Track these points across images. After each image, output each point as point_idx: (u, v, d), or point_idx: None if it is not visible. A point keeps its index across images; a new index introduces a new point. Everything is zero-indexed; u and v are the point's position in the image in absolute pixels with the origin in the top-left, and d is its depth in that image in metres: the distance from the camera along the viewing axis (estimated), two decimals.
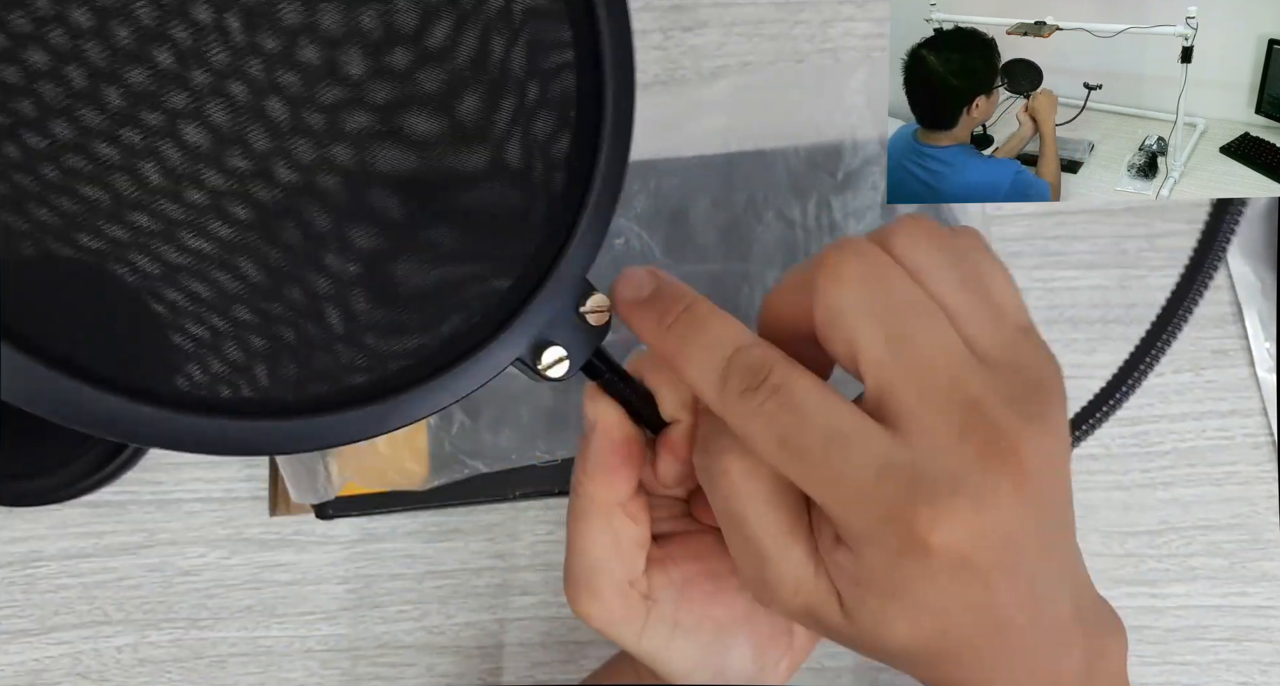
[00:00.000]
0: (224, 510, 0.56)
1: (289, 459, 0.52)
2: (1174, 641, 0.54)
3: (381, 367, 0.28)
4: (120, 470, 0.54)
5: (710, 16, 0.58)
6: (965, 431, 0.25)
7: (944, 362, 0.26)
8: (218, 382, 0.26)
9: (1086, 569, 0.29)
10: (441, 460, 0.53)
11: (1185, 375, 0.56)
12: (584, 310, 0.31)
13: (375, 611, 0.55)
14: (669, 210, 0.55)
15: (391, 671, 0.55)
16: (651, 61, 0.58)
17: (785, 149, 0.56)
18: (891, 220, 0.36)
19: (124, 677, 0.55)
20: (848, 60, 0.58)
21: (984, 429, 0.25)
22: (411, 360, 0.29)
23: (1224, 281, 0.56)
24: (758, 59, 0.58)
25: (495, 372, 0.29)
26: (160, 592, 0.55)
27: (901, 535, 0.25)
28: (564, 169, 0.31)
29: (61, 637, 0.55)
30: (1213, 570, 0.55)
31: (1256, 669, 0.54)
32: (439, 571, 0.56)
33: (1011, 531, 0.25)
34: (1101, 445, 0.56)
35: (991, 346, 0.27)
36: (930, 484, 0.25)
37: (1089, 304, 0.57)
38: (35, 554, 0.55)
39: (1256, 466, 0.55)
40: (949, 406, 0.25)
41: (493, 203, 0.30)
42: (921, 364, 0.26)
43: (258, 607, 0.55)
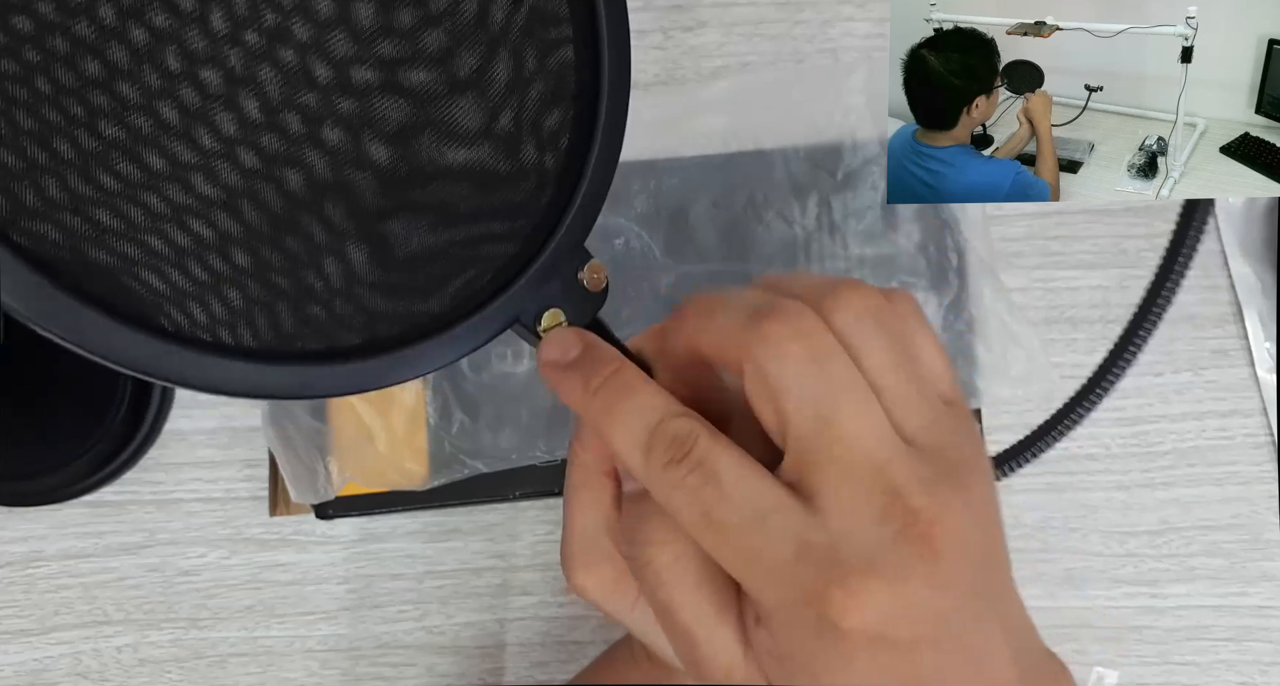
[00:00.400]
0: (224, 510, 0.56)
1: (289, 459, 0.52)
2: (1174, 641, 0.54)
3: (389, 323, 0.29)
4: (120, 470, 0.54)
5: (710, 16, 0.58)
6: (884, 515, 0.25)
7: (869, 446, 0.26)
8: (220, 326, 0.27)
9: (1031, 620, 0.29)
10: (441, 460, 0.53)
11: (1185, 375, 0.56)
12: (581, 276, 0.32)
13: (375, 611, 0.55)
14: (669, 210, 0.55)
15: (392, 671, 0.55)
16: (651, 61, 0.58)
17: (785, 149, 0.56)
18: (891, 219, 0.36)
19: (124, 677, 0.55)
20: (848, 60, 0.58)
21: (902, 513, 0.25)
22: (418, 318, 0.30)
23: (1224, 281, 0.56)
24: (758, 59, 0.58)
25: (496, 332, 0.30)
26: (160, 592, 0.55)
27: (817, 616, 0.25)
28: (565, 136, 0.32)
29: (62, 637, 0.55)
30: (1213, 570, 0.55)
31: (1256, 669, 0.54)
32: (439, 571, 0.56)
33: (933, 606, 0.25)
34: (1101, 445, 0.56)
35: (918, 428, 0.27)
36: (845, 565, 0.25)
37: (1089, 304, 0.57)
38: (35, 554, 0.55)
39: (1256, 466, 0.55)
40: (870, 491, 0.26)
41: (495, 168, 0.31)
42: (847, 446, 0.26)
43: (258, 607, 0.55)
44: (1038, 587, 0.55)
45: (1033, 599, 0.55)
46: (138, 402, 0.54)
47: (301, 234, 0.29)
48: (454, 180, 0.31)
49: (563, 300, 0.31)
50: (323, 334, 0.29)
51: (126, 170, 0.26)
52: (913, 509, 0.25)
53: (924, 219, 0.55)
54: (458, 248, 0.31)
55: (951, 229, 0.54)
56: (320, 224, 0.29)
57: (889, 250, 0.54)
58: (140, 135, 0.26)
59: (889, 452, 0.26)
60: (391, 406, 0.53)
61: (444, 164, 0.30)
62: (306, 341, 0.28)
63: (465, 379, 0.53)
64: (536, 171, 0.32)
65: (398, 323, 0.30)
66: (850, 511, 0.25)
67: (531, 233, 0.31)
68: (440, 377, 0.53)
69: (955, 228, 0.54)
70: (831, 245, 0.55)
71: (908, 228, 0.55)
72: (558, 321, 0.31)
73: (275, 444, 0.52)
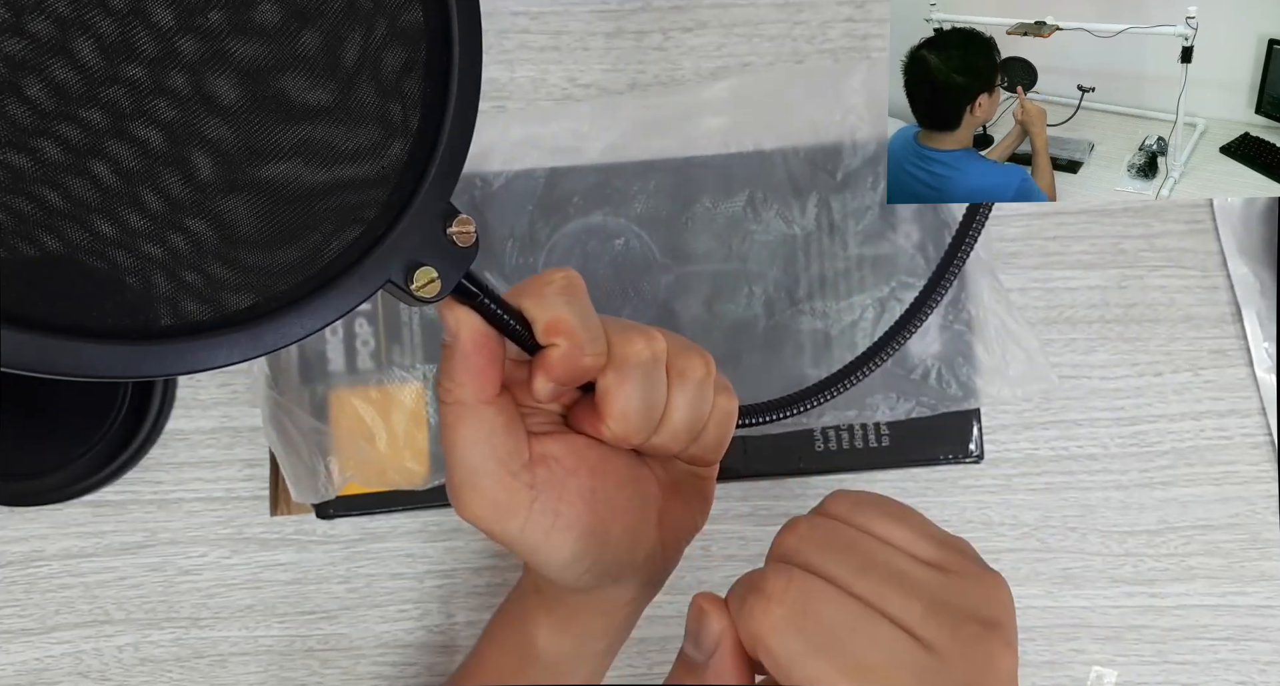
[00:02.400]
0: (225, 510, 0.56)
1: (290, 458, 0.52)
2: (1172, 640, 0.54)
3: (253, 291, 0.29)
4: (121, 470, 0.54)
5: (710, 17, 0.59)
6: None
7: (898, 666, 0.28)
8: (85, 307, 0.27)
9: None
10: (442, 460, 0.53)
11: (1184, 375, 0.56)
12: (451, 232, 0.32)
13: (375, 611, 0.55)
14: (669, 210, 0.55)
15: (392, 670, 0.55)
16: (651, 62, 0.58)
17: (785, 149, 0.56)
18: (890, 219, 0.35)
19: (125, 676, 0.55)
20: (847, 61, 0.58)
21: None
22: (284, 284, 0.30)
23: (1223, 282, 0.57)
24: (758, 59, 0.58)
25: (368, 293, 0.30)
26: (161, 592, 0.55)
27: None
28: (417, 88, 0.32)
29: (63, 637, 0.55)
30: (1211, 569, 0.55)
31: (1255, 668, 0.54)
32: (439, 571, 0.56)
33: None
34: (1100, 445, 0.56)
35: (923, 616, 0.28)
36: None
37: (1088, 304, 0.57)
38: (37, 553, 0.56)
39: (1255, 466, 0.55)
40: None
41: (350, 126, 0.31)
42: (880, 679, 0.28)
43: (258, 607, 0.55)
44: (1037, 587, 0.55)
45: (1032, 598, 0.56)
46: (139, 403, 0.54)
47: (155, 198, 0.28)
48: (308, 143, 0.30)
49: (433, 257, 0.31)
50: (173, 308, 0.28)
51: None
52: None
53: (923, 219, 0.55)
54: (320, 212, 0.31)
55: (951, 229, 0.54)
56: (174, 186, 0.28)
57: (888, 250, 0.55)
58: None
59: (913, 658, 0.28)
60: (392, 406, 0.53)
61: (296, 123, 0.30)
62: (159, 317, 0.28)
63: None
64: (392, 127, 0.32)
65: (262, 291, 0.29)
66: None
67: (394, 191, 0.31)
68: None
69: (954, 228, 0.54)
70: (831, 245, 0.55)
71: (907, 228, 0.55)
72: (429, 278, 0.31)
73: (276, 444, 0.52)
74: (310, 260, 0.30)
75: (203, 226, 0.29)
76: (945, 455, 0.54)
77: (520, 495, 0.34)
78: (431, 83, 0.32)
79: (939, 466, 0.55)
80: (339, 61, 0.30)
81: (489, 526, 0.35)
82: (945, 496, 0.56)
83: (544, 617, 0.42)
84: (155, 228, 0.28)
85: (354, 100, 0.31)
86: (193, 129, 0.28)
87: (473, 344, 0.33)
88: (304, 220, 0.30)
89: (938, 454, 0.54)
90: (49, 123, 0.26)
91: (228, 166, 0.29)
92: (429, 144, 0.32)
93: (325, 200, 0.31)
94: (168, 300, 0.28)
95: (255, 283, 0.29)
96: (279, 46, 0.29)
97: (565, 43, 0.58)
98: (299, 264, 0.30)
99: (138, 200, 0.28)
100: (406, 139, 0.32)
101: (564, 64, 0.58)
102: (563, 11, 0.58)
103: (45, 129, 0.26)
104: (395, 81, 0.31)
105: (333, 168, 0.31)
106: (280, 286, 0.30)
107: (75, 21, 0.26)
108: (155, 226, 0.28)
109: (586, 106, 0.56)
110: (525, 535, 0.35)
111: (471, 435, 0.34)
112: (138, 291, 0.28)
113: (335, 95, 0.30)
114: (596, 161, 0.55)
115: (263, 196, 0.30)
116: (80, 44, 0.26)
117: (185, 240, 0.28)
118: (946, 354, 0.53)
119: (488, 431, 0.34)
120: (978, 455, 0.54)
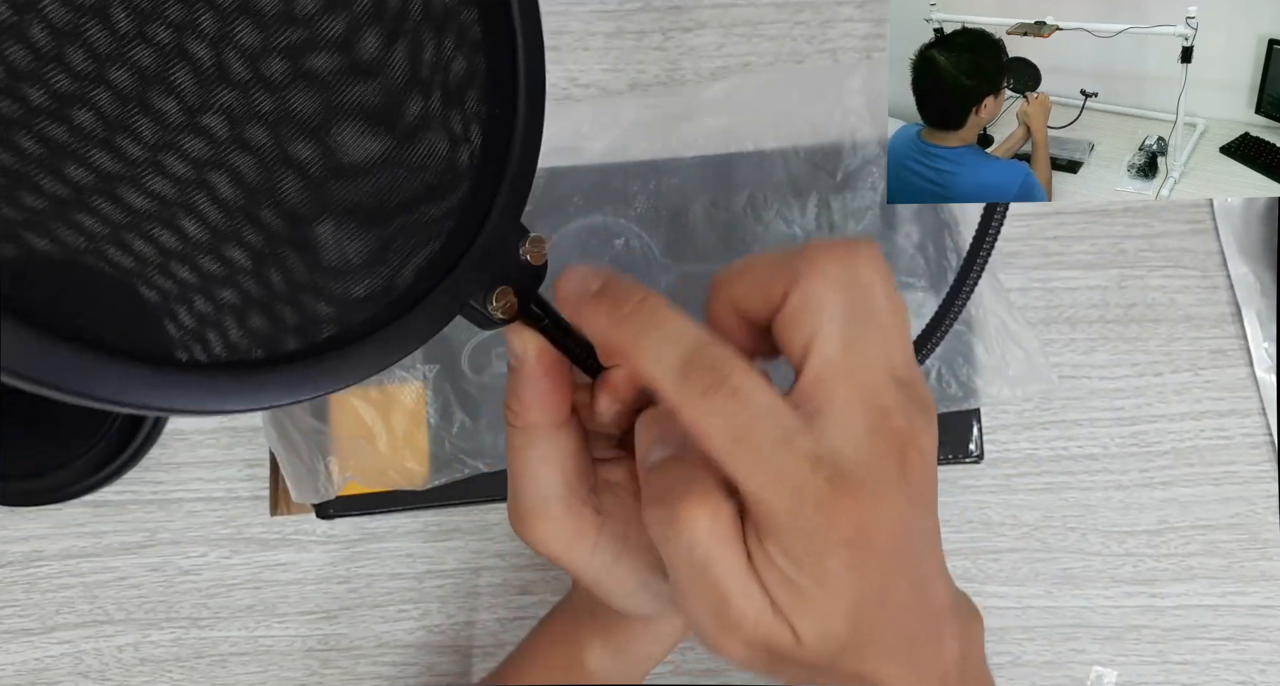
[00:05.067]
0: (225, 510, 0.56)
1: (290, 458, 0.52)
2: (1172, 641, 0.54)
3: (340, 321, 0.29)
4: (121, 470, 0.54)
5: (710, 17, 0.59)
6: (874, 431, 0.28)
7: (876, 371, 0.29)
8: (190, 341, 0.26)
9: None
10: (442, 460, 0.53)
11: (1184, 375, 0.56)
12: (524, 250, 0.31)
13: (375, 611, 0.55)
14: (669, 210, 0.55)
15: (392, 670, 0.55)
16: (651, 62, 0.58)
17: (785, 149, 0.56)
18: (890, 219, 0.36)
19: (125, 677, 0.55)
20: (847, 61, 0.58)
21: (888, 430, 0.28)
22: (368, 311, 0.29)
23: (1223, 282, 0.57)
24: (757, 60, 0.58)
25: (448, 317, 0.30)
26: (161, 592, 0.55)
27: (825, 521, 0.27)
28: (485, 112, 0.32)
29: (63, 637, 0.55)
30: (1211, 569, 0.55)
31: (1255, 668, 0.54)
32: (439, 571, 0.56)
33: (903, 521, 0.28)
34: (1100, 445, 0.56)
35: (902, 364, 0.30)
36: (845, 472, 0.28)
37: (1088, 304, 0.57)
38: (37, 553, 0.56)
39: (1255, 466, 0.55)
40: (868, 410, 0.28)
41: (419, 154, 0.31)
42: (861, 369, 0.29)
43: (259, 607, 0.55)
44: (1037, 587, 0.55)
45: (1032, 598, 0.56)
46: None
47: (236, 241, 0.28)
48: (378, 172, 0.30)
49: (509, 277, 0.31)
50: (268, 342, 0.28)
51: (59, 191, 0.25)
52: (895, 428, 0.29)
53: (923, 219, 0.55)
54: (395, 240, 0.30)
55: (951, 229, 0.54)
56: (255, 229, 0.28)
57: (888, 250, 0.55)
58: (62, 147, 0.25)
59: (887, 377, 0.29)
60: (392, 406, 0.53)
61: (365, 156, 0.30)
62: (253, 351, 0.27)
63: (466, 379, 0.53)
64: (462, 151, 0.31)
65: (343, 322, 0.29)
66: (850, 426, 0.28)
67: (466, 215, 0.31)
68: (441, 378, 0.53)
69: (954, 228, 0.55)
70: None
71: (907, 228, 0.55)
72: (508, 298, 0.31)
73: (276, 444, 0.52)
74: (388, 287, 0.30)
75: (291, 255, 0.28)
76: (945, 455, 0.54)
77: (588, 521, 0.33)
78: (499, 98, 0.31)
79: (939, 466, 0.55)
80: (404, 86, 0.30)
81: (556, 553, 0.33)
82: (945, 496, 0.56)
83: (597, 641, 0.41)
84: (252, 262, 0.28)
85: (423, 125, 0.30)
86: (276, 157, 0.28)
87: (541, 367, 0.32)
88: (381, 246, 0.30)
89: (938, 454, 0.54)
90: (149, 157, 0.26)
91: (311, 193, 0.29)
92: (499, 161, 0.31)
93: (402, 223, 0.30)
94: (261, 335, 0.28)
95: (335, 313, 0.29)
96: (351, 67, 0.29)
97: (565, 43, 0.58)
98: (378, 292, 0.30)
99: (236, 235, 0.27)
100: (477, 162, 0.31)
101: (564, 64, 0.58)
102: (563, 11, 0.58)
103: (150, 161, 0.26)
104: (463, 104, 0.31)
105: (407, 198, 0.30)
106: (361, 316, 0.29)
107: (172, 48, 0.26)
108: (252, 260, 0.28)
109: (586, 106, 0.56)
110: (592, 564, 0.34)
111: (540, 459, 0.33)
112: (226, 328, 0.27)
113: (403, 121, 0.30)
114: (596, 161, 0.55)
115: (343, 222, 0.29)
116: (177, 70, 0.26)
117: (277, 272, 0.28)
118: (946, 354, 0.53)
119: (560, 456, 0.33)
120: (978, 455, 0.54)
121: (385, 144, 0.30)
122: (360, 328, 0.29)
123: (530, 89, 0.32)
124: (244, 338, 0.27)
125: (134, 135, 0.26)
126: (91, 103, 0.25)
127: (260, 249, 0.28)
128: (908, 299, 0.54)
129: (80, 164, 0.25)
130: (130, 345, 0.24)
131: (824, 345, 0.29)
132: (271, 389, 0.27)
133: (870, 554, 0.28)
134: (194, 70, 0.27)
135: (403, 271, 0.30)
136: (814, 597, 0.28)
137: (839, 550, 0.28)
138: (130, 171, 0.26)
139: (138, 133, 0.26)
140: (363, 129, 0.29)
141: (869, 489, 0.28)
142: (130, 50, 0.26)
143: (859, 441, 0.28)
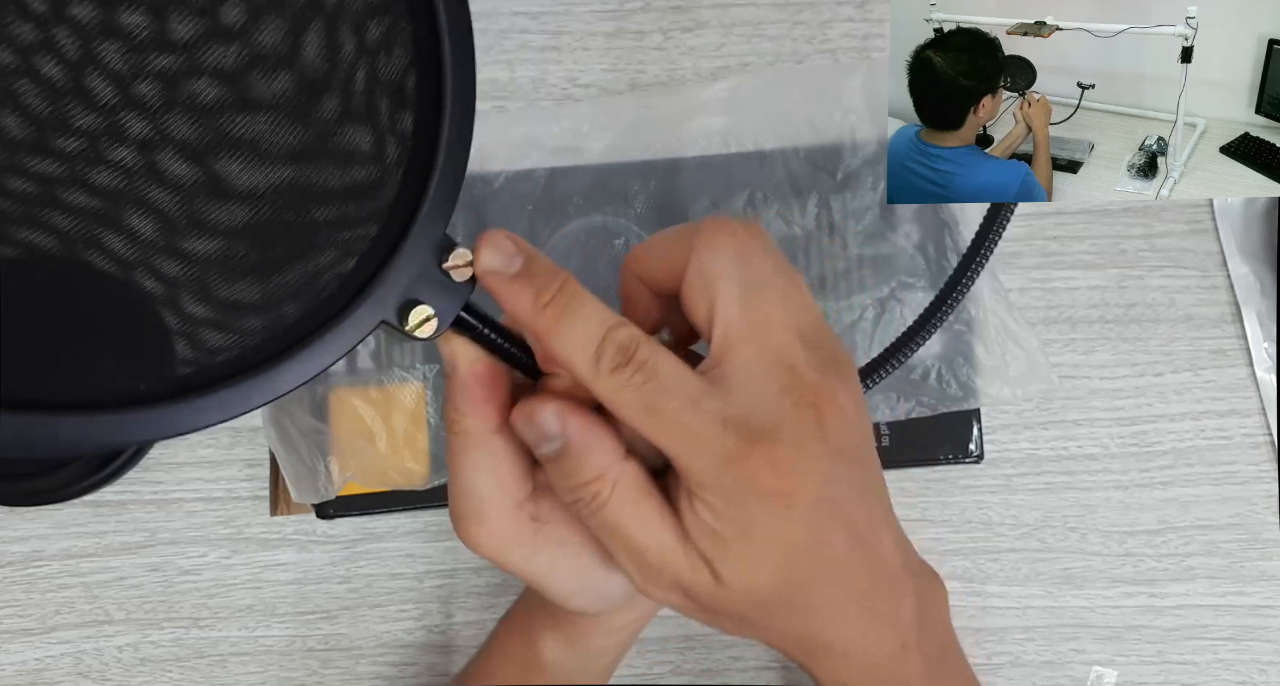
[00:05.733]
0: (225, 510, 0.56)
1: (290, 458, 0.52)
2: (1172, 641, 0.54)
3: (249, 340, 0.29)
4: (121, 470, 0.54)
5: (710, 17, 0.59)
6: (784, 388, 0.30)
7: (778, 331, 0.31)
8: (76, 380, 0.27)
9: (905, 534, 0.34)
10: (442, 460, 0.53)
11: (1184, 375, 0.56)
12: (446, 266, 0.31)
13: (375, 611, 0.55)
14: (669, 210, 0.55)
15: (392, 670, 0.55)
16: (651, 62, 0.58)
17: (785, 149, 0.56)
18: (890, 219, 0.36)
19: (125, 677, 0.55)
20: (847, 61, 0.58)
21: (798, 387, 0.30)
22: (279, 330, 0.29)
23: (1223, 282, 0.57)
24: (757, 60, 0.58)
25: (363, 335, 0.30)
26: (161, 592, 0.55)
27: (742, 475, 0.29)
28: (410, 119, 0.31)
29: (63, 637, 0.55)
30: (1211, 570, 0.55)
31: (1255, 668, 0.54)
32: (439, 571, 0.56)
33: (823, 470, 0.30)
34: (1100, 445, 0.56)
35: (805, 324, 0.32)
36: (758, 429, 0.29)
37: (1087, 304, 0.57)
38: (37, 553, 0.56)
39: (1255, 466, 0.55)
40: (776, 367, 0.30)
41: (340, 165, 0.30)
42: (765, 327, 0.31)
43: (258, 607, 0.55)
44: (1037, 587, 0.55)
45: (1032, 598, 0.56)
46: None
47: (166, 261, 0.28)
48: (292, 183, 0.30)
49: (429, 293, 0.30)
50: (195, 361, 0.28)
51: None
52: (808, 384, 0.30)
53: (923, 219, 0.55)
54: (311, 250, 0.30)
55: (951, 229, 0.54)
56: (173, 252, 0.28)
57: (888, 250, 0.55)
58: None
59: (792, 337, 0.31)
60: (392, 406, 0.53)
61: (278, 167, 0.29)
62: (178, 371, 0.28)
63: None
64: (383, 162, 0.31)
65: (259, 336, 0.29)
66: (759, 383, 0.30)
67: (385, 226, 0.31)
68: (441, 378, 0.53)
69: (954, 228, 0.54)
70: (830, 245, 0.55)
71: (907, 228, 0.55)
72: (424, 317, 0.30)
73: (276, 443, 0.52)
74: (304, 302, 0.30)
75: (189, 267, 0.28)
76: (945, 455, 0.54)
77: (525, 526, 0.34)
78: (422, 112, 0.31)
79: (939, 466, 0.55)
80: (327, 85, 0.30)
81: (492, 555, 0.34)
82: (945, 496, 0.56)
83: (551, 633, 0.42)
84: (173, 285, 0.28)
85: (341, 134, 0.30)
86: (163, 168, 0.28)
87: (471, 376, 0.32)
88: (295, 257, 0.30)
89: (938, 454, 0.54)
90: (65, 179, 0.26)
91: (205, 225, 0.28)
92: (421, 175, 0.31)
93: (316, 237, 0.30)
94: (176, 357, 0.28)
95: (249, 327, 0.29)
96: (263, 71, 0.29)
97: (565, 43, 0.58)
98: (293, 306, 0.30)
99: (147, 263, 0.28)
100: (398, 171, 0.31)
101: (564, 64, 0.58)
102: (563, 11, 0.58)
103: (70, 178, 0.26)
104: (386, 110, 0.31)
105: (322, 203, 0.30)
106: (278, 329, 0.29)
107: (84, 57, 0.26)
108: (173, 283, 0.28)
109: (586, 106, 0.56)
110: (530, 566, 0.34)
111: (476, 464, 0.33)
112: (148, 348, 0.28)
113: (322, 123, 0.30)
114: (596, 161, 0.55)
115: (253, 233, 0.29)
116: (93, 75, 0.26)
117: (179, 284, 0.28)
118: (946, 354, 0.53)
119: (494, 461, 0.33)
120: (978, 455, 0.54)
121: (295, 155, 0.30)
122: (272, 345, 0.29)
123: (458, 99, 0.31)
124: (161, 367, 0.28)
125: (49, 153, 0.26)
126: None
127: (174, 276, 0.28)
128: (908, 299, 0.54)
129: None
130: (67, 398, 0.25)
131: (724, 310, 0.31)
132: (190, 413, 0.27)
133: (792, 504, 0.30)
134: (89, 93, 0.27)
135: (318, 289, 0.30)
136: (737, 545, 0.30)
137: (757, 500, 0.30)
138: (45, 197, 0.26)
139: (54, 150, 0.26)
140: (268, 139, 0.29)
141: (783, 442, 0.30)
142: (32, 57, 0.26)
143: (769, 398, 0.30)
